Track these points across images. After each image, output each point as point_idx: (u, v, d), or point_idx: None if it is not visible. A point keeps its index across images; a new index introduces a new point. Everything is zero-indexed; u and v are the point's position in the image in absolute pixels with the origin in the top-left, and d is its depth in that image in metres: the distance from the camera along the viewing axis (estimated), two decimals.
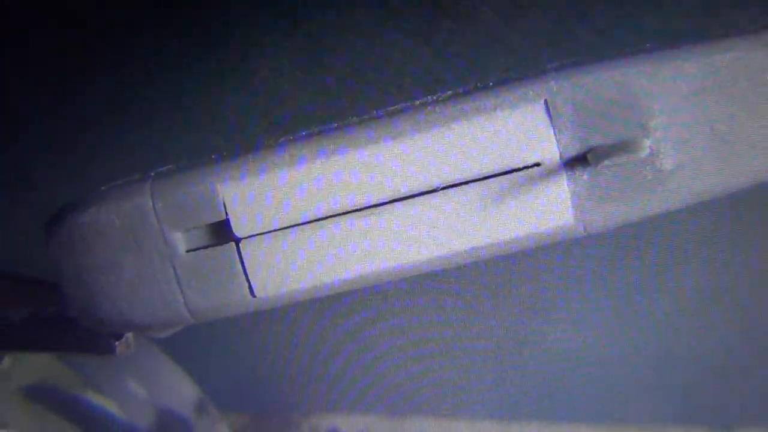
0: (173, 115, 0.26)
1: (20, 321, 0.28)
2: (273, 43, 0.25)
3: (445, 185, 0.23)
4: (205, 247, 0.25)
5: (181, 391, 0.27)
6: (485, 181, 0.25)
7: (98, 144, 0.26)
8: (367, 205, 0.25)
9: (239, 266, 0.26)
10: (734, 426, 0.26)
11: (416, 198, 0.25)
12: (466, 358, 0.27)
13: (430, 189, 0.25)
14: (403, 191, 0.25)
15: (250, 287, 0.26)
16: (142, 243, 0.27)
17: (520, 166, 0.23)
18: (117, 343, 0.28)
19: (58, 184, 0.27)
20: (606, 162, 0.24)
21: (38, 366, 0.29)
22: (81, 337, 0.28)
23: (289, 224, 0.26)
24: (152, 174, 0.27)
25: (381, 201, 0.25)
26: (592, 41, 0.24)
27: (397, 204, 0.25)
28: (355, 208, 0.25)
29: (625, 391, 0.26)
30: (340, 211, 0.26)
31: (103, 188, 0.27)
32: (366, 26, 0.26)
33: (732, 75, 0.24)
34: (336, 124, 0.26)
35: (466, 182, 0.25)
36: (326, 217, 0.26)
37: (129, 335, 0.28)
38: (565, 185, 0.23)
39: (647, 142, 0.24)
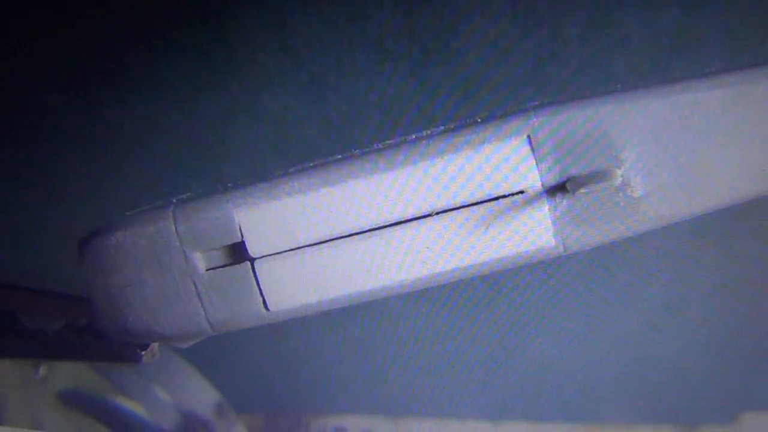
0: (192, 149, 0.28)
1: (55, 333, 0.30)
2: (280, 83, 0.28)
3: (438, 211, 0.26)
4: (223, 266, 0.27)
5: (201, 395, 0.30)
6: (474, 207, 0.27)
7: (123, 172, 0.29)
8: (367, 229, 0.28)
9: (254, 283, 0.28)
10: (698, 424, 0.29)
11: (412, 222, 0.27)
12: (460, 364, 0.30)
13: (425, 214, 0.28)
14: (400, 216, 0.27)
15: (264, 302, 0.28)
16: (165, 262, 0.29)
17: (506, 193, 0.25)
18: (143, 352, 0.30)
19: (89, 209, 0.29)
20: (583, 190, 0.26)
21: (72, 373, 0.31)
22: (110, 347, 0.30)
23: (298, 245, 0.28)
24: (174, 200, 0.30)
25: (380, 225, 0.28)
26: (567, 81, 0.27)
27: (395, 227, 0.28)
28: (357, 231, 0.28)
29: (600, 394, 0.28)
30: (344, 234, 0.28)
31: (128, 213, 0.30)
32: (364, 67, 0.28)
33: (692, 112, 0.26)
34: (339, 156, 0.29)
35: (457, 208, 0.27)
36: (332, 239, 0.28)
37: (154, 345, 0.32)
38: (547, 210, 0.25)
39: (619, 172, 0.26)
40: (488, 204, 0.26)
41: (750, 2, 0.25)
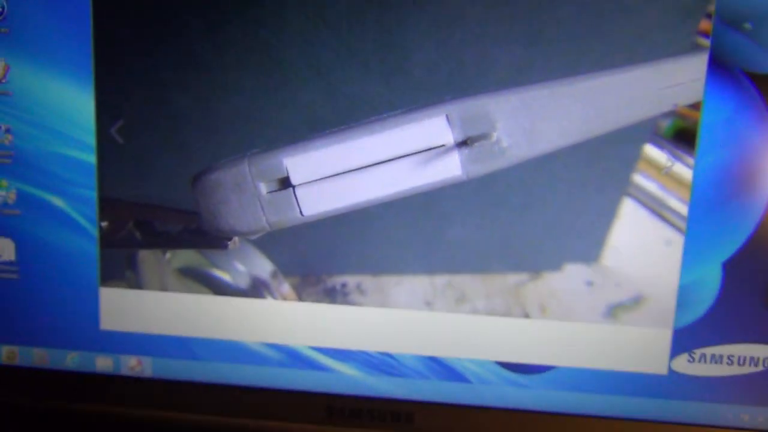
0: (259, 124, 0.45)
1: (177, 232, 0.44)
2: (304, 88, 0.44)
3: (394, 157, 0.41)
4: (277, 190, 0.42)
5: (263, 265, 0.45)
6: (418, 154, 0.44)
7: (220, 136, 0.45)
8: (358, 167, 0.45)
9: (294, 199, 0.42)
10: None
11: (384, 163, 0.44)
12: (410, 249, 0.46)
13: (391, 159, 0.42)
14: (377, 160, 0.41)
15: (300, 210, 0.42)
16: (242, 189, 0.43)
17: (434, 146, 0.41)
18: (229, 242, 0.44)
19: (199, 157, 0.46)
20: (476, 143, 0.45)
21: (186, 256, 0.44)
22: (210, 240, 0.43)
23: (320, 177, 0.46)
24: (248, 154, 0.46)
25: (365, 165, 0.42)
26: (475, 78, 0.44)
27: (374, 167, 0.44)
28: (352, 168, 0.42)
29: (495, 255, 0.45)
30: (344, 170, 0.42)
31: (222, 161, 0.47)
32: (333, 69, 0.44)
33: (539, 103, 0.44)
34: (343, 127, 0.46)
35: (409, 155, 0.44)
36: (337, 174, 0.42)
37: (235, 238, 0.44)
38: (456, 155, 0.40)
39: (495, 134, 0.44)
40: (424, 153, 0.41)
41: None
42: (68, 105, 0.43)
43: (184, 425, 0.47)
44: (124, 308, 0.46)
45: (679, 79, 0.40)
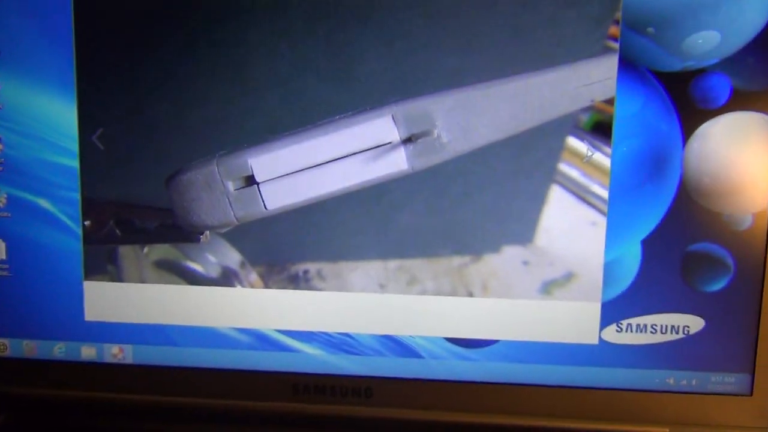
0: (227, 128, 0.49)
1: (153, 228, 0.48)
2: (265, 95, 0.49)
3: (347, 154, 0.45)
4: (243, 187, 0.46)
5: (232, 256, 0.47)
6: (367, 151, 0.49)
7: (190, 140, 0.50)
8: (313, 165, 0.46)
9: (259, 195, 0.46)
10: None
11: (337, 160, 0.45)
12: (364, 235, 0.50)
13: (343, 156, 0.45)
14: (331, 157, 0.45)
15: (264, 204, 0.46)
16: (212, 187, 0.45)
17: (382, 143, 0.45)
18: (201, 236, 0.47)
19: (172, 159, 0.50)
20: (419, 140, 0.50)
21: (162, 250, 0.48)
22: (184, 235, 0.47)
23: (281, 175, 0.50)
24: (217, 155, 0.46)
25: (321, 162, 0.46)
26: (420, 80, 0.49)
27: (328, 164, 0.45)
28: (307, 166, 0.46)
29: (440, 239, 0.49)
30: (300, 169, 0.46)
31: (192, 162, 0.51)
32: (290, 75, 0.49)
33: (474, 102, 0.49)
34: (299, 129, 0.50)
35: (360, 152, 0.45)
36: (294, 172, 0.46)
37: (207, 232, 0.48)
38: (402, 151, 0.45)
39: (435, 131, 0.49)
40: (375, 149, 0.45)
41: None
42: (53, 116, 0.48)
43: (163, 407, 0.51)
44: (106, 300, 0.50)
45: (594, 78, 0.45)
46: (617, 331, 0.47)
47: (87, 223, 0.49)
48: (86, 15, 0.47)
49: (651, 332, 0.47)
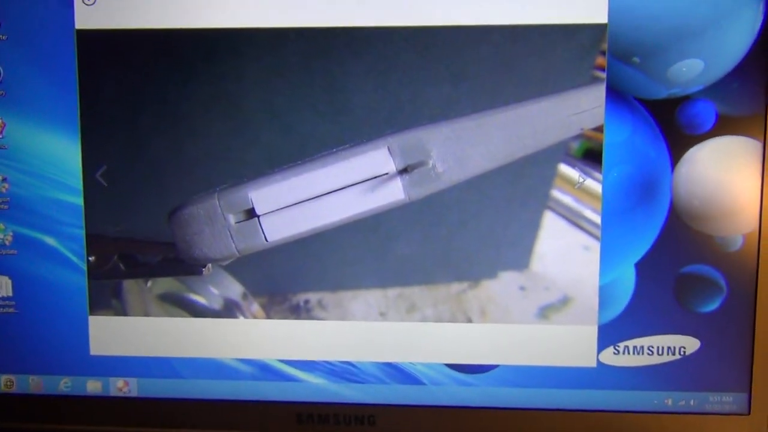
0: (227, 164, 0.51)
1: (156, 262, 0.49)
2: (264, 130, 0.51)
3: (345, 186, 0.46)
4: (244, 220, 0.47)
5: (234, 288, 0.48)
6: (365, 182, 0.49)
7: (192, 177, 0.51)
8: (312, 197, 0.47)
9: (259, 227, 0.46)
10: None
11: (336, 192, 0.46)
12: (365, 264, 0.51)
13: (342, 187, 0.46)
14: (329, 189, 0.46)
15: (264, 237, 0.47)
16: (213, 220, 0.46)
17: (378, 174, 0.46)
18: (203, 268, 0.48)
19: (173, 195, 0.51)
20: (415, 170, 0.51)
21: (165, 283, 0.49)
22: (186, 268, 0.48)
23: (280, 207, 0.51)
24: (218, 189, 0.47)
25: (319, 194, 0.46)
26: (412, 114, 0.50)
27: (326, 195, 0.46)
28: (306, 198, 0.47)
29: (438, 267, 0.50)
30: (299, 201, 0.46)
31: (194, 197, 0.53)
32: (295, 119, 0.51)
33: (466, 133, 0.50)
34: (298, 162, 0.51)
35: (358, 182, 0.46)
36: (293, 204, 0.46)
37: (209, 265, 0.49)
38: (399, 181, 0.46)
39: (430, 161, 0.50)
40: (372, 180, 0.46)
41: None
42: (58, 154, 0.49)
43: None
44: (111, 334, 0.51)
45: (583, 107, 0.47)
46: (615, 353, 0.48)
47: (91, 258, 0.50)
48: (89, 55, 0.49)
49: (648, 354, 0.48)
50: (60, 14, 0.48)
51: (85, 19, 0.48)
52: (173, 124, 0.49)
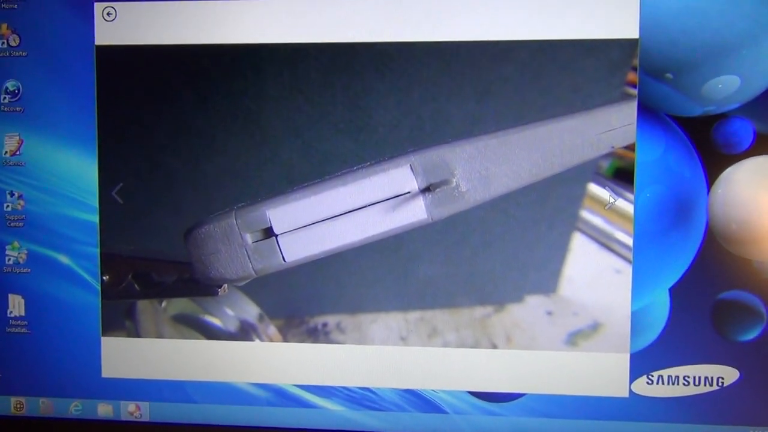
0: (245, 183, 0.50)
1: (171, 282, 0.48)
2: (283, 147, 0.50)
3: (365, 205, 0.45)
4: (261, 240, 0.46)
5: (250, 309, 0.47)
6: (387, 201, 0.49)
7: (209, 195, 0.51)
8: (332, 216, 0.46)
9: (277, 247, 0.46)
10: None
11: (357, 210, 0.48)
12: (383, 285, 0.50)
13: (363, 206, 0.45)
14: (351, 207, 0.45)
15: (282, 257, 0.46)
16: (230, 240, 0.45)
17: (401, 193, 0.45)
18: (219, 289, 0.47)
19: (189, 214, 0.51)
20: (438, 189, 0.50)
21: (180, 304, 0.49)
22: (202, 288, 0.47)
23: (299, 227, 0.51)
24: (235, 207, 0.46)
25: (339, 213, 0.46)
26: (434, 131, 0.49)
27: (347, 214, 0.45)
28: (326, 217, 0.46)
29: (461, 290, 0.49)
30: (319, 220, 0.46)
31: (210, 216, 0.52)
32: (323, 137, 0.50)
33: (490, 151, 0.49)
34: (318, 180, 0.51)
35: (379, 201, 0.45)
36: (312, 223, 0.46)
37: (225, 285, 0.47)
38: (421, 200, 0.45)
39: (454, 180, 0.49)
40: (393, 199, 0.45)
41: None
42: (74, 172, 0.49)
43: None
44: (124, 356, 0.50)
45: (614, 125, 0.45)
46: (648, 383, 0.46)
47: (105, 277, 0.49)
48: (108, 71, 0.48)
49: (684, 384, 0.46)
50: (80, 30, 0.48)
51: (105, 35, 0.48)
52: (191, 142, 0.48)
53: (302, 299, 0.48)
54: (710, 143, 0.44)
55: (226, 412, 0.50)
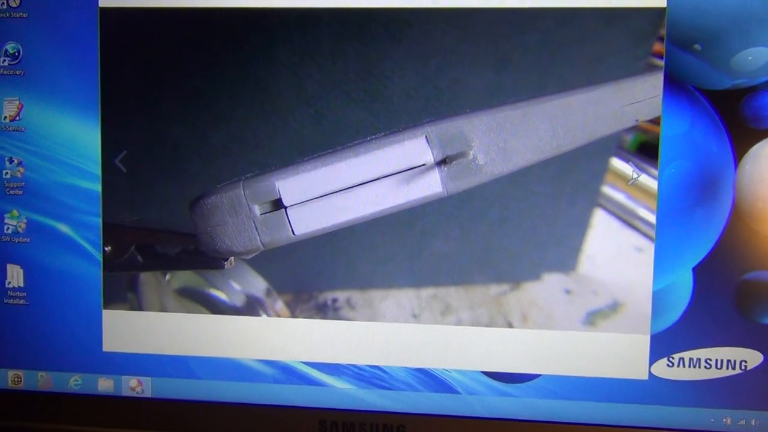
0: (253, 152, 0.49)
1: (176, 254, 0.47)
2: (294, 116, 0.49)
3: (379, 177, 0.44)
4: (270, 212, 0.45)
5: (257, 284, 0.46)
6: (402, 173, 0.48)
7: (216, 164, 0.49)
8: (344, 188, 0.45)
9: (286, 220, 0.45)
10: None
11: (371, 182, 0.48)
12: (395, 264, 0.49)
13: (377, 178, 0.44)
14: (360, 181, 0.44)
15: (292, 230, 0.45)
16: (238, 211, 0.44)
17: (416, 165, 0.44)
18: (225, 262, 0.46)
19: (196, 184, 0.49)
20: (454, 162, 0.49)
21: (185, 277, 0.48)
22: (207, 261, 0.46)
23: (308, 198, 0.49)
24: (243, 178, 0.45)
25: (351, 185, 0.45)
26: (452, 100, 0.48)
27: (359, 187, 0.44)
28: (337, 189, 0.45)
29: (476, 267, 0.48)
30: (329, 192, 0.45)
31: (218, 186, 0.51)
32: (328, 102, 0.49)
33: (508, 123, 0.48)
34: (329, 150, 0.49)
35: (393, 173, 0.44)
36: (326, 195, 0.45)
37: (231, 258, 0.47)
38: (436, 173, 0.44)
39: (471, 152, 0.48)
40: (408, 171, 0.44)
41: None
42: (76, 138, 0.48)
43: None
44: (125, 330, 0.49)
45: (639, 97, 0.44)
46: (668, 365, 0.45)
47: (108, 248, 0.48)
48: (112, 34, 0.47)
49: (705, 367, 0.45)
50: None
51: None
52: (198, 109, 0.47)
53: (311, 274, 0.47)
54: (738, 117, 0.43)
55: (231, 389, 0.49)
